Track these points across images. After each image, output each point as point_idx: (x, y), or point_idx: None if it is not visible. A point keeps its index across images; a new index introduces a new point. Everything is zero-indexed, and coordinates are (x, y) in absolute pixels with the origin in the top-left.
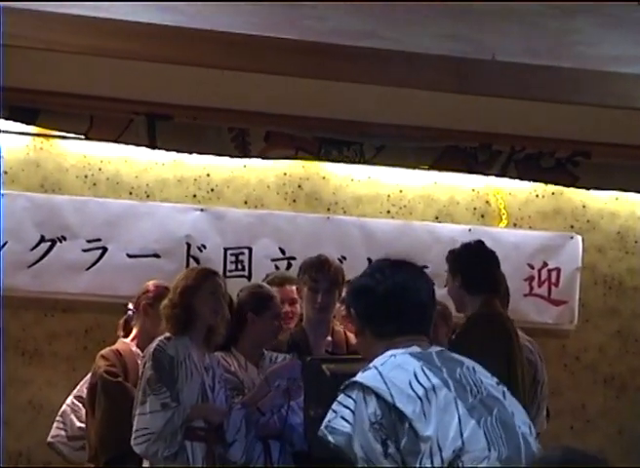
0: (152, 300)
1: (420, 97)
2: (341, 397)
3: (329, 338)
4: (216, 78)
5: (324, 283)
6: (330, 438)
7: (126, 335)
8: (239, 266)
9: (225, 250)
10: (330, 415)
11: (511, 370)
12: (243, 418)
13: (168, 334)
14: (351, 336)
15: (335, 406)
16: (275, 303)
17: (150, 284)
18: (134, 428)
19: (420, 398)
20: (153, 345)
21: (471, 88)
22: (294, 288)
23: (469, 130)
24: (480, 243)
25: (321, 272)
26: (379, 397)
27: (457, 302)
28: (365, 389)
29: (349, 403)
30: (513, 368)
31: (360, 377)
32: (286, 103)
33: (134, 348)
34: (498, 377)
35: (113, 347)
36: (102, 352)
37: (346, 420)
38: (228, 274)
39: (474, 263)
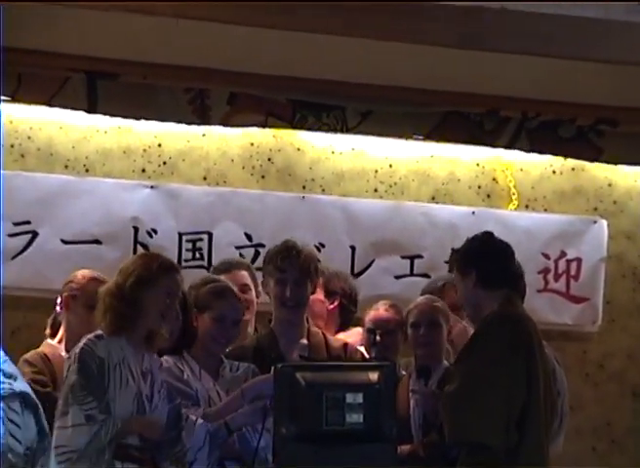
0: (76, 292)
1: (415, 53)
2: None
3: (304, 341)
4: (169, 29)
5: (292, 272)
6: None
7: (53, 336)
8: (197, 255)
9: (180, 235)
10: None
11: (533, 379)
12: (207, 434)
13: (99, 332)
14: (332, 339)
15: None
16: (221, 300)
17: (78, 273)
18: (52, 444)
19: None
20: (80, 345)
21: (476, 42)
22: (243, 273)
23: (473, 92)
24: (489, 234)
25: (288, 259)
26: None
27: (472, 307)
28: None
29: None
30: (536, 375)
31: None
32: (253, 59)
33: (62, 352)
34: (517, 387)
35: (39, 350)
36: (27, 356)
37: None
38: (184, 264)
39: (489, 255)
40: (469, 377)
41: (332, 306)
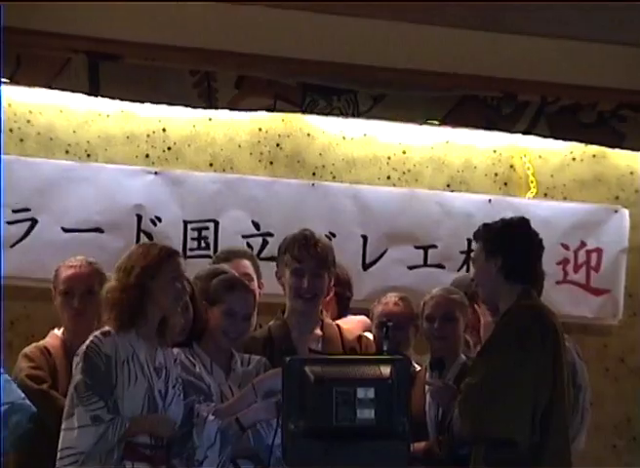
0: (56, 285)
1: (430, 35)
2: None
3: (318, 332)
4: (174, 9)
5: (310, 263)
6: None
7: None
8: (202, 244)
9: (186, 223)
10: None
11: (558, 375)
12: (218, 432)
13: (106, 329)
14: (347, 331)
15: None
16: (233, 293)
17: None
18: (59, 446)
19: None
20: (86, 343)
21: (493, 23)
22: (245, 262)
23: (491, 75)
24: (525, 220)
25: (306, 250)
26: None
27: (488, 291)
28: None
29: None
30: (560, 372)
31: None
32: (262, 41)
33: (66, 343)
34: (543, 382)
35: (40, 343)
36: (26, 350)
37: None
38: (189, 253)
39: (521, 245)
40: (495, 370)
41: (328, 297)
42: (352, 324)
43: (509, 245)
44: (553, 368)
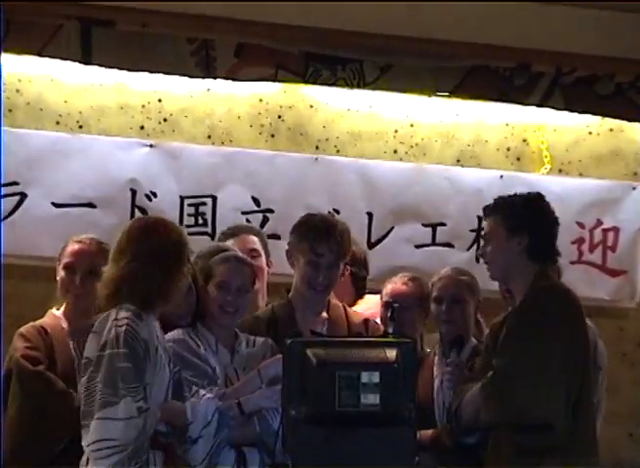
0: (74, 260)
1: (440, 2)
2: None
3: (324, 314)
4: None
5: (329, 257)
6: None
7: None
8: (200, 220)
9: (182, 198)
10: None
11: (585, 356)
12: (216, 411)
13: (134, 309)
14: (353, 314)
15: None
16: (224, 265)
17: (73, 238)
18: (92, 436)
19: None
20: (121, 324)
21: None
22: (252, 237)
23: (503, 45)
24: (542, 195)
25: (326, 243)
26: None
27: (503, 270)
28: None
29: None
30: (587, 352)
31: None
32: (263, 7)
33: (64, 324)
34: (575, 363)
35: (37, 323)
36: (22, 329)
37: None
38: (186, 230)
39: (546, 221)
40: (527, 352)
41: (343, 277)
42: (370, 304)
43: (536, 221)
44: (583, 348)
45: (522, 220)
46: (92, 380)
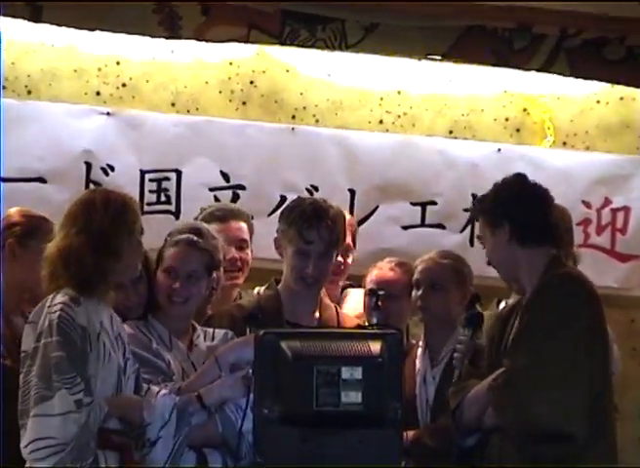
0: (22, 236)
1: None
2: None
3: (314, 313)
4: None
5: (319, 245)
6: None
7: None
8: (162, 197)
9: (143, 173)
10: None
11: (606, 354)
12: (174, 408)
13: (72, 293)
14: (346, 317)
15: None
16: (172, 249)
17: (14, 213)
18: (28, 436)
19: None
20: (55, 310)
21: None
22: (242, 225)
23: (502, 3)
24: (522, 177)
25: (316, 229)
26: None
27: (507, 267)
28: None
29: None
30: (607, 349)
31: None
32: None
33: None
34: (596, 363)
35: None
36: None
37: None
38: (147, 208)
39: (524, 201)
40: (544, 351)
41: (343, 266)
42: (357, 298)
43: (511, 206)
44: (603, 345)
45: (498, 210)
46: (28, 375)
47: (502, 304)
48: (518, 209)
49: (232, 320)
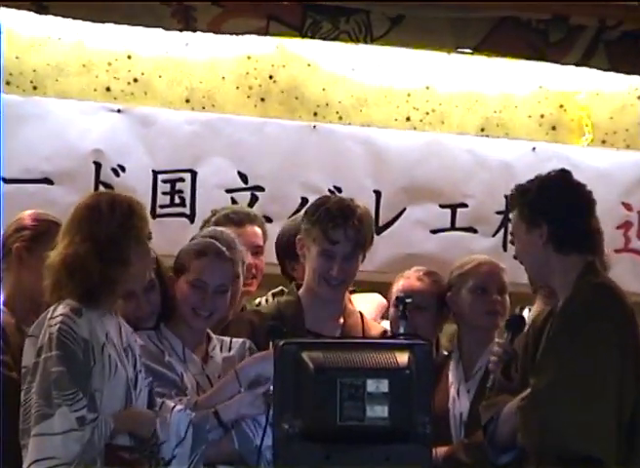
0: (30, 241)
1: None
2: None
3: (338, 320)
4: None
5: (345, 246)
6: None
7: None
8: (176, 199)
9: (155, 173)
10: None
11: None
12: (189, 425)
13: (75, 304)
14: (371, 323)
15: None
16: (201, 260)
17: (26, 216)
18: (30, 457)
19: None
20: (55, 322)
21: None
22: (257, 230)
23: None
24: (565, 172)
25: (342, 229)
26: None
27: (537, 270)
28: None
29: None
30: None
31: None
32: None
33: (8, 316)
34: (628, 382)
35: None
36: None
37: None
38: (160, 211)
39: (568, 203)
40: (570, 369)
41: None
42: (368, 306)
43: (553, 206)
44: (637, 362)
45: (538, 208)
46: (28, 392)
47: (526, 312)
48: (561, 211)
49: (251, 327)
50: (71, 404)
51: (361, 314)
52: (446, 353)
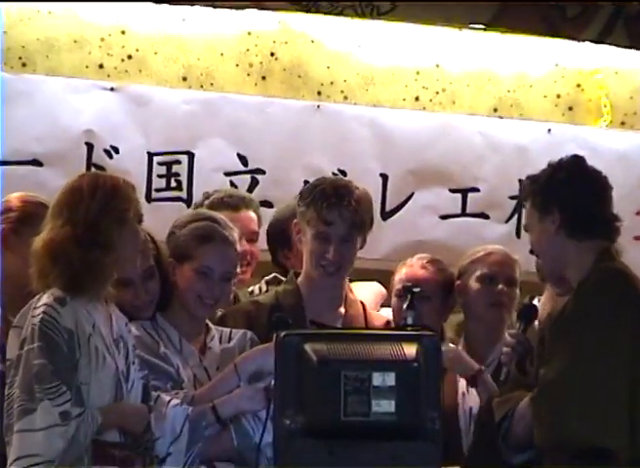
0: (17, 223)
1: None
2: None
3: (340, 309)
4: None
5: (341, 227)
6: None
7: None
8: (172, 183)
9: (151, 155)
10: None
11: None
12: (186, 421)
13: (59, 293)
14: (373, 313)
15: None
16: (208, 245)
17: (13, 197)
18: (12, 454)
19: None
20: (38, 313)
21: None
22: (252, 215)
23: None
24: (580, 160)
25: (337, 209)
26: None
27: (551, 258)
28: None
29: None
30: None
31: None
32: None
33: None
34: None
35: None
36: None
37: None
38: (155, 195)
39: (580, 189)
40: (580, 358)
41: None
42: (367, 294)
43: (564, 192)
44: None
45: (549, 194)
46: (12, 386)
47: (535, 301)
48: (571, 196)
49: (248, 319)
50: (54, 398)
51: (363, 304)
52: (451, 345)
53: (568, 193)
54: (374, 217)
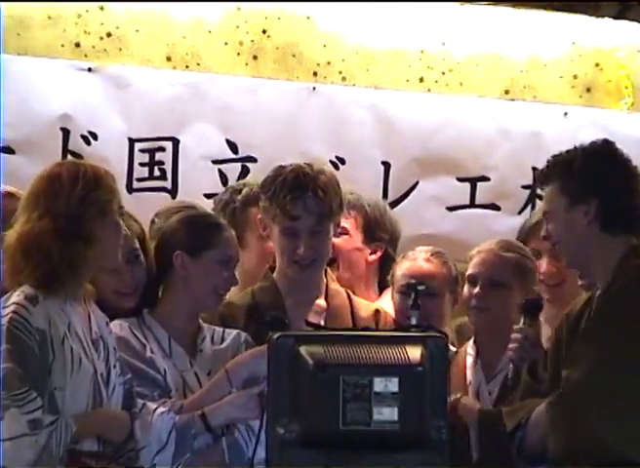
0: None
1: None
2: None
3: (321, 303)
4: None
5: (308, 220)
6: None
7: None
8: (156, 172)
9: (132, 142)
10: None
11: None
12: (173, 430)
13: (30, 291)
14: (360, 302)
15: None
16: (223, 234)
17: None
18: None
19: None
20: (7, 312)
21: None
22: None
23: None
24: (610, 142)
25: (301, 202)
26: None
27: (576, 251)
28: None
29: None
30: None
31: None
32: None
33: None
34: None
35: None
36: None
37: None
38: (137, 185)
39: (620, 179)
40: (610, 361)
41: (373, 257)
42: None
43: (604, 179)
44: None
45: (586, 182)
46: None
47: None
48: (612, 185)
49: (223, 323)
50: (22, 405)
51: (348, 294)
52: (453, 349)
53: (608, 182)
54: (343, 200)
